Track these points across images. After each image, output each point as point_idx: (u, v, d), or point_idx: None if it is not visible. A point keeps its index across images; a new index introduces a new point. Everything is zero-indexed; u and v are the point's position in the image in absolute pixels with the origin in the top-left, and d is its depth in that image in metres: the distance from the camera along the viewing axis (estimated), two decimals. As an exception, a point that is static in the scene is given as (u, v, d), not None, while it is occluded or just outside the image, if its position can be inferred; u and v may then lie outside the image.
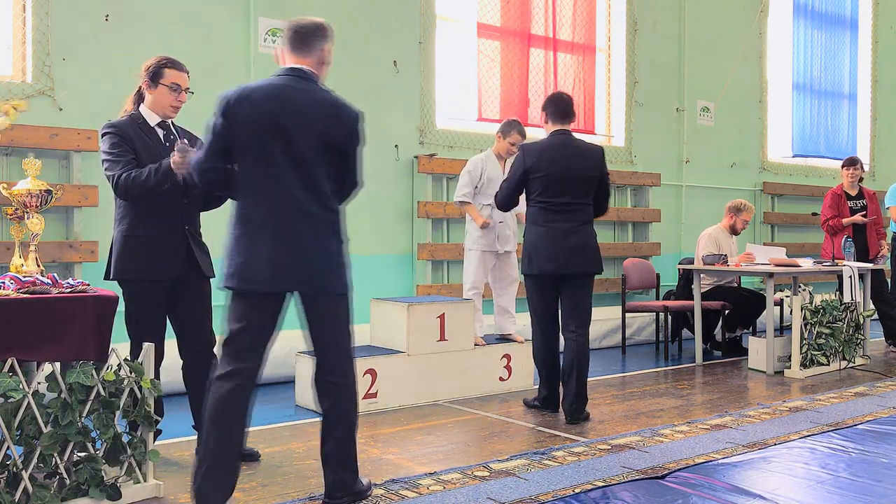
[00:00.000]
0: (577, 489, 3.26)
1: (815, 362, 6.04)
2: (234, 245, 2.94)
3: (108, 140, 3.51)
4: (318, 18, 3.11)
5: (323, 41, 3.06)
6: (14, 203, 3.16)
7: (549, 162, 4.53)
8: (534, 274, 4.60)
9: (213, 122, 2.97)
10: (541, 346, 4.73)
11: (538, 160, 4.55)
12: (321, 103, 2.97)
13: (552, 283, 4.62)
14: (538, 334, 4.73)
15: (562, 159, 4.54)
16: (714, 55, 8.89)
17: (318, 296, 3.00)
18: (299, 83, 2.98)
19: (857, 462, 3.68)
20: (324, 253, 2.97)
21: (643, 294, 8.00)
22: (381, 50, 6.50)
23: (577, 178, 4.55)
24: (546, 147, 4.60)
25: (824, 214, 7.33)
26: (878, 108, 10.84)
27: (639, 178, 8.10)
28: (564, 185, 4.53)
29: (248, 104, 2.91)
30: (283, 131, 2.90)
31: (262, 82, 3.00)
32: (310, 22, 3.06)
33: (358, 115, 3.06)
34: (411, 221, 6.66)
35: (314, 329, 3.05)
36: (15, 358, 2.78)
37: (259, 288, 2.91)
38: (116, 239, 3.57)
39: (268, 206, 2.91)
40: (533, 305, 4.72)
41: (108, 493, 2.96)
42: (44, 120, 5.00)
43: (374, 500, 3.12)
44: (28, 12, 5.01)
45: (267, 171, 2.92)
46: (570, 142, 4.62)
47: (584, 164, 4.58)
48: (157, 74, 3.58)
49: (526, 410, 4.78)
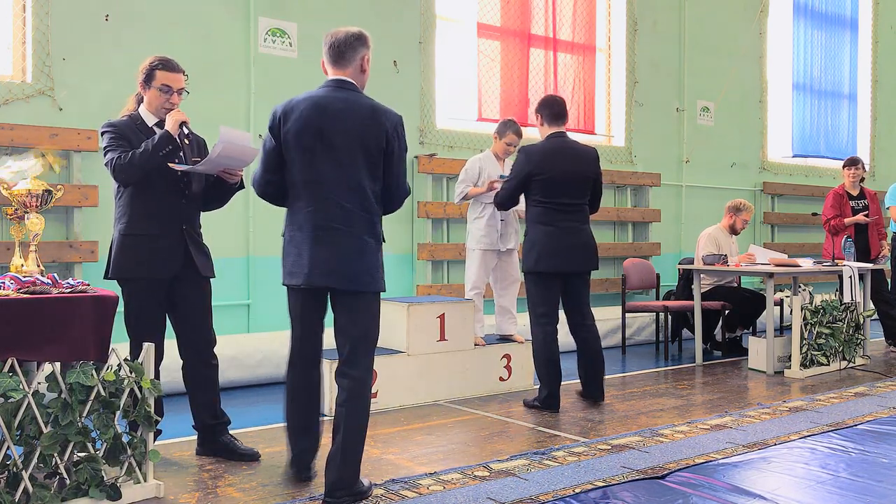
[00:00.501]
0: (577, 489, 3.26)
1: (815, 362, 6.04)
2: (287, 246, 3.20)
3: (107, 136, 3.53)
4: (354, 28, 3.25)
5: (359, 50, 3.21)
6: (14, 203, 3.16)
7: (551, 164, 4.69)
8: (539, 271, 4.69)
9: (264, 139, 3.20)
10: (542, 346, 4.74)
11: (541, 162, 4.68)
12: (360, 108, 3.14)
13: (557, 280, 4.73)
14: (539, 334, 4.75)
15: (561, 161, 4.70)
16: (714, 55, 8.89)
17: (352, 292, 3.14)
18: (339, 92, 3.17)
19: (857, 462, 3.68)
20: (360, 252, 3.12)
21: (643, 294, 8.00)
22: (381, 50, 6.48)
23: (575, 179, 4.74)
24: (547, 149, 4.73)
25: (826, 214, 7.33)
26: (878, 108, 10.85)
27: (639, 178, 8.10)
28: (565, 187, 4.71)
29: (292, 115, 3.13)
30: (324, 137, 3.09)
31: (306, 94, 3.20)
32: (345, 34, 3.20)
33: (398, 118, 3.23)
34: (411, 221, 6.66)
35: (344, 323, 3.18)
36: (15, 358, 2.78)
37: (302, 283, 3.14)
38: (115, 238, 3.58)
39: (313, 209, 3.11)
40: (534, 304, 4.75)
41: (108, 493, 2.96)
42: (44, 120, 5.01)
43: (374, 500, 3.12)
44: (28, 12, 5.01)
45: (311, 176, 3.12)
46: (568, 144, 4.80)
47: (581, 167, 4.77)
48: (149, 76, 3.58)
49: (526, 411, 4.78)
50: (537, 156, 4.71)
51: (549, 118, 4.80)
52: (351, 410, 3.10)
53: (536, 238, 4.70)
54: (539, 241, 4.68)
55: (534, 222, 4.73)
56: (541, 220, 4.70)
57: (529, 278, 4.77)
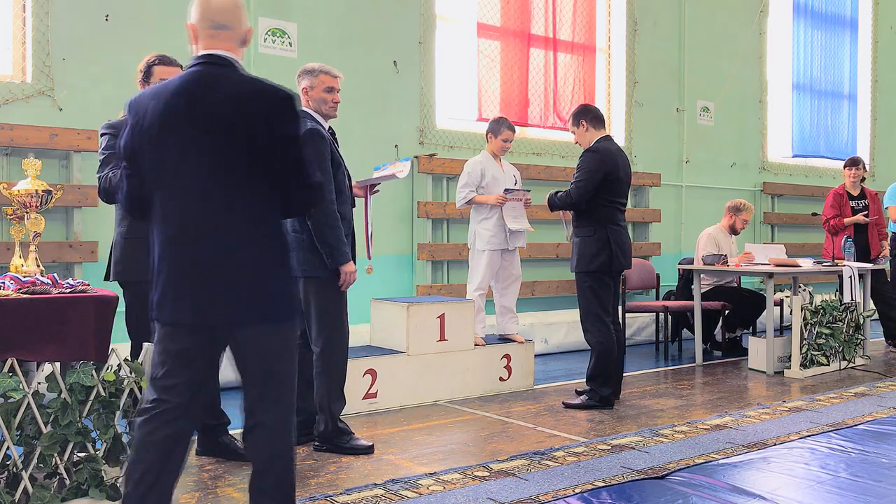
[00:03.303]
0: (577, 489, 3.26)
1: (815, 362, 6.04)
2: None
3: (105, 141, 3.51)
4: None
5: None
6: (14, 203, 3.15)
7: (622, 166, 4.92)
8: (614, 270, 4.85)
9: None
10: (612, 345, 4.85)
11: (613, 162, 4.85)
12: None
13: (615, 279, 4.96)
14: (605, 333, 4.84)
15: (623, 163, 4.95)
16: (714, 55, 8.89)
17: None
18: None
19: (857, 462, 3.68)
20: None
21: (643, 294, 8.00)
22: (381, 50, 6.50)
23: (628, 181, 5.04)
24: (615, 152, 4.92)
25: (826, 214, 7.33)
26: (878, 108, 10.84)
27: (639, 178, 8.09)
28: (625, 188, 5.00)
29: None
30: None
31: None
32: None
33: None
34: (411, 221, 6.66)
35: None
36: (15, 358, 2.77)
37: None
38: (117, 241, 3.57)
39: None
40: (599, 303, 4.85)
41: (108, 493, 2.96)
42: (44, 120, 5.00)
43: (374, 500, 3.12)
44: (28, 12, 5.01)
45: None
46: (619, 147, 5.04)
47: (629, 170, 5.05)
48: (147, 73, 3.57)
49: (526, 411, 4.78)
50: (609, 156, 4.84)
51: (594, 122, 4.97)
52: None
53: (608, 237, 4.81)
54: (613, 240, 4.82)
55: (603, 223, 4.83)
56: (612, 221, 4.86)
57: (593, 278, 4.84)
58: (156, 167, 2.31)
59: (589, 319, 4.87)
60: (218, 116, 2.25)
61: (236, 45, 2.37)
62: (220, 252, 2.24)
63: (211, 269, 2.24)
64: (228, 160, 2.25)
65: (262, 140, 2.26)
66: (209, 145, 2.25)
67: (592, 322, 4.85)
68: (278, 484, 2.36)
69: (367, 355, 4.80)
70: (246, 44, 2.41)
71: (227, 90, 2.27)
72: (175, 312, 2.27)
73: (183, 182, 2.27)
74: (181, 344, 2.29)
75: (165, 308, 2.29)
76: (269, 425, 2.34)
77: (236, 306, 2.26)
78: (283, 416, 2.37)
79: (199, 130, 2.25)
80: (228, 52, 2.34)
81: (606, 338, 4.82)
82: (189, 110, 2.25)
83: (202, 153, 2.25)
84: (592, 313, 4.85)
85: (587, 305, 4.87)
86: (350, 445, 3.81)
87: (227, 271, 2.25)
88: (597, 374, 4.85)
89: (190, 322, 2.27)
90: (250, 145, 2.25)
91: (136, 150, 2.35)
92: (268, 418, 2.34)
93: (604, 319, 4.83)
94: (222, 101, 2.25)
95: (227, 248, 2.25)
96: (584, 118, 4.97)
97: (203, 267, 2.25)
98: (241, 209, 2.27)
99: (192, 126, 2.25)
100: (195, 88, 2.27)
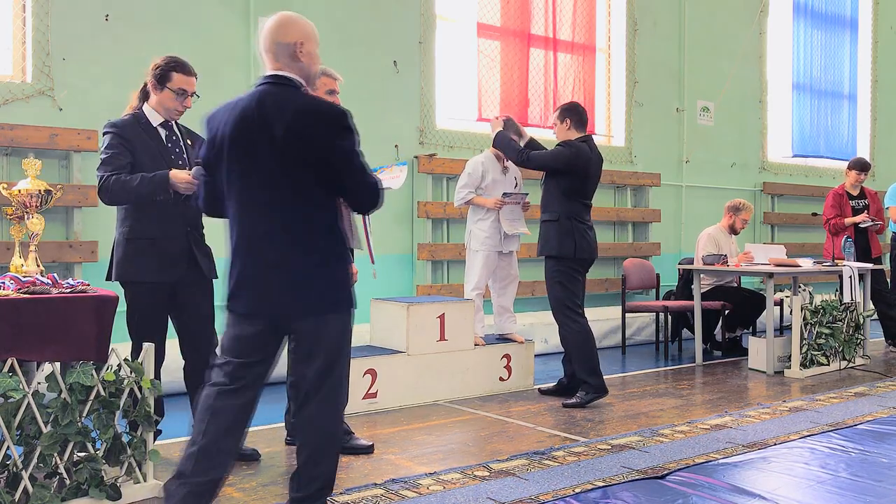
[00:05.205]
0: (577, 489, 3.26)
1: (815, 362, 6.04)
2: None
3: (107, 140, 3.50)
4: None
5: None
6: (14, 203, 3.15)
7: (594, 166, 5.01)
8: (578, 257, 4.91)
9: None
10: (586, 336, 4.90)
11: (589, 159, 4.96)
12: None
13: (583, 271, 5.01)
14: (576, 325, 4.91)
15: (596, 165, 5.04)
16: (714, 55, 8.88)
17: None
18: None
19: (857, 462, 3.68)
20: None
21: (643, 294, 8.00)
22: (381, 50, 6.50)
23: (597, 182, 5.13)
24: (590, 151, 5.01)
25: (826, 214, 7.33)
26: (878, 108, 10.84)
27: (639, 178, 8.10)
28: (592, 187, 5.06)
29: None
30: None
31: None
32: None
33: None
34: (411, 221, 6.66)
35: None
36: (15, 358, 2.78)
37: None
38: (118, 241, 3.57)
39: None
40: (567, 294, 4.93)
41: (108, 493, 2.96)
42: (44, 120, 5.00)
43: (374, 499, 3.12)
44: (28, 12, 5.01)
45: None
46: (597, 149, 5.12)
47: (599, 172, 5.13)
48: (163, 77, 3.53)
49: (526, 410, 4.78)
50: (582, 153, 4.92)
51: (577, 123, 5.04)
52: None
53: (574, 229, 4.91)
54: (576, 230, 4.90)
55: (570, 218, 4.92)
56: (576, 216, 4.94)
57: (562, 270, 4.91)
58: (226, 178, 2.66)
59: (562, 312, 4.95)
60: (282, 133, 2.54)
61: (290, 60, 2.79)
62: (277, 257, 2.60)
63: (270, 271, 2.61)
64: (289, 173, 2.57)
65: (323, 153, 2.57)
66: (273, 160, 2.56)
67: (566, 314, 4.94)
68: (323, 462, 2.70)
69: (367, 355, 4.80)
70: (296, 57, 2.80)
71: (290, 109, 2.58)
72: (242, 305, 2.67)
73: (248, 193, 2.62)
74: (246, 331, 2.66)
75: (236, 301, 2.68)
76: (321, 404, 2.69)
77: (291, 303, 2.63)
78: (335, 396, 2.72)
79: (265, 147, 2.56)
80: (289, 73, 2.74)
81: (582, 327, 4.91)
82: (256, 128, 2.58)
83: (265, 167, 2.58)
84: (564, 307, 4.93)
85: (558, 299, 4.96)
86: (350, 445, 3.81)
87: (283, 273, 2.61)
88: (583, 368, 4.89)
89: (253, 313, 2.66)
90: (313, 159, 2.57)
91: (211, 162, 2.72)
92: (319, 397, 2.68)
93: (576, 311, 4.92)
94: (286, 119, 2.55)
95: (283, 253, 2.60)
96: (570, 116, 5.04)
97: (264, 270, 2.62)
98: (297, 219, 2.61)
99: (258, 143, 2.57)
100: (262, 108, 2.61)
